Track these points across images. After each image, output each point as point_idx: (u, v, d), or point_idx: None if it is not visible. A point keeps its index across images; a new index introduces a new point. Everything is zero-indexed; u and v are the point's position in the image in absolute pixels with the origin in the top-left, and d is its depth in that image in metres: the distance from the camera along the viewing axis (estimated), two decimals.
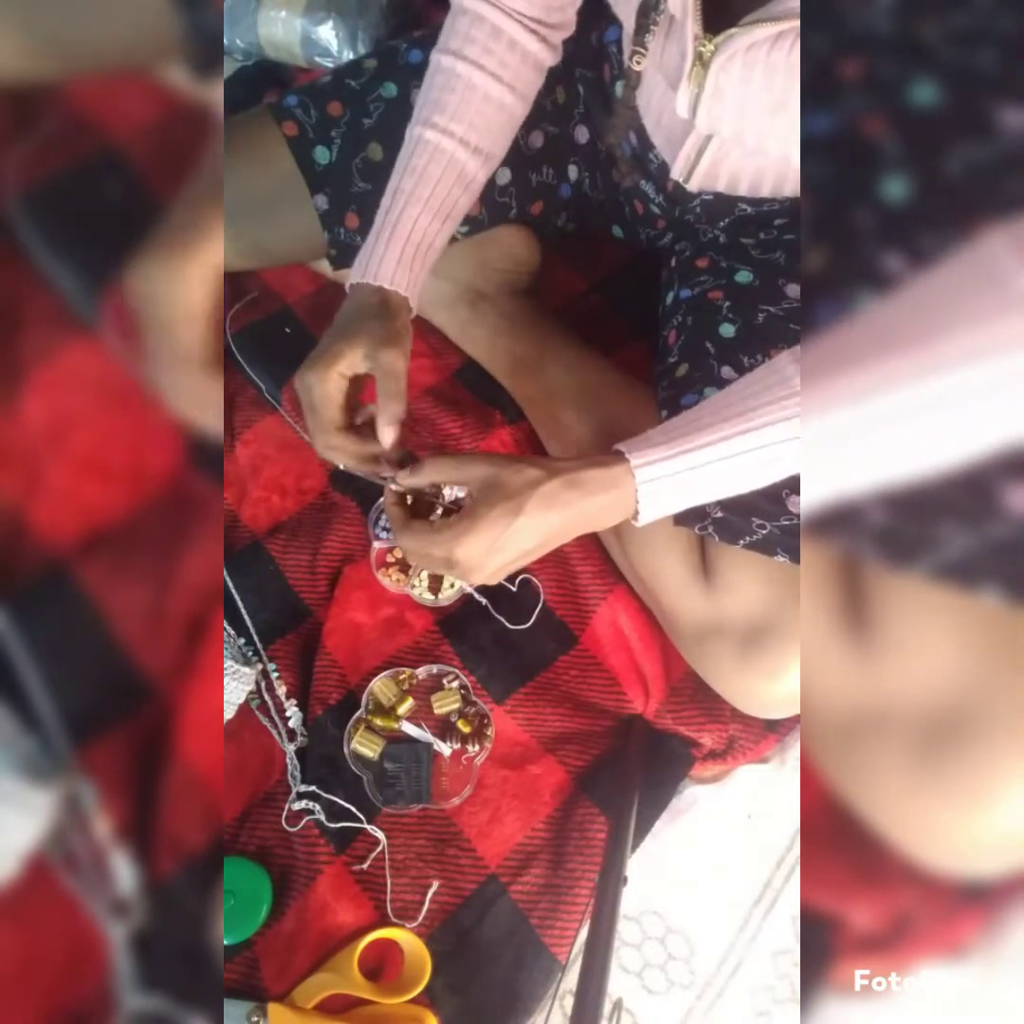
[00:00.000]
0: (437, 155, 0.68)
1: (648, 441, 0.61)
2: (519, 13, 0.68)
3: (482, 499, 0.59)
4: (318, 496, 0.91)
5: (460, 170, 0.69)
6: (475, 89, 0.68)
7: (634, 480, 0.59)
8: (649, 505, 0.61)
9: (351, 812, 0.74)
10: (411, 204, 0.68)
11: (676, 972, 0.74)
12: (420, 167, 0.68)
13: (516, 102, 0.71)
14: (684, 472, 0.59)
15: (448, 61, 0.69)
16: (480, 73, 0.68)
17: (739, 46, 0.55)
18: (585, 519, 0.62)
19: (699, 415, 0.60)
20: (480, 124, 0.69)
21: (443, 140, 0.68)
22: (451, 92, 0.68)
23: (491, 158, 0.71)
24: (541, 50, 0.70)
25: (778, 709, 0.72)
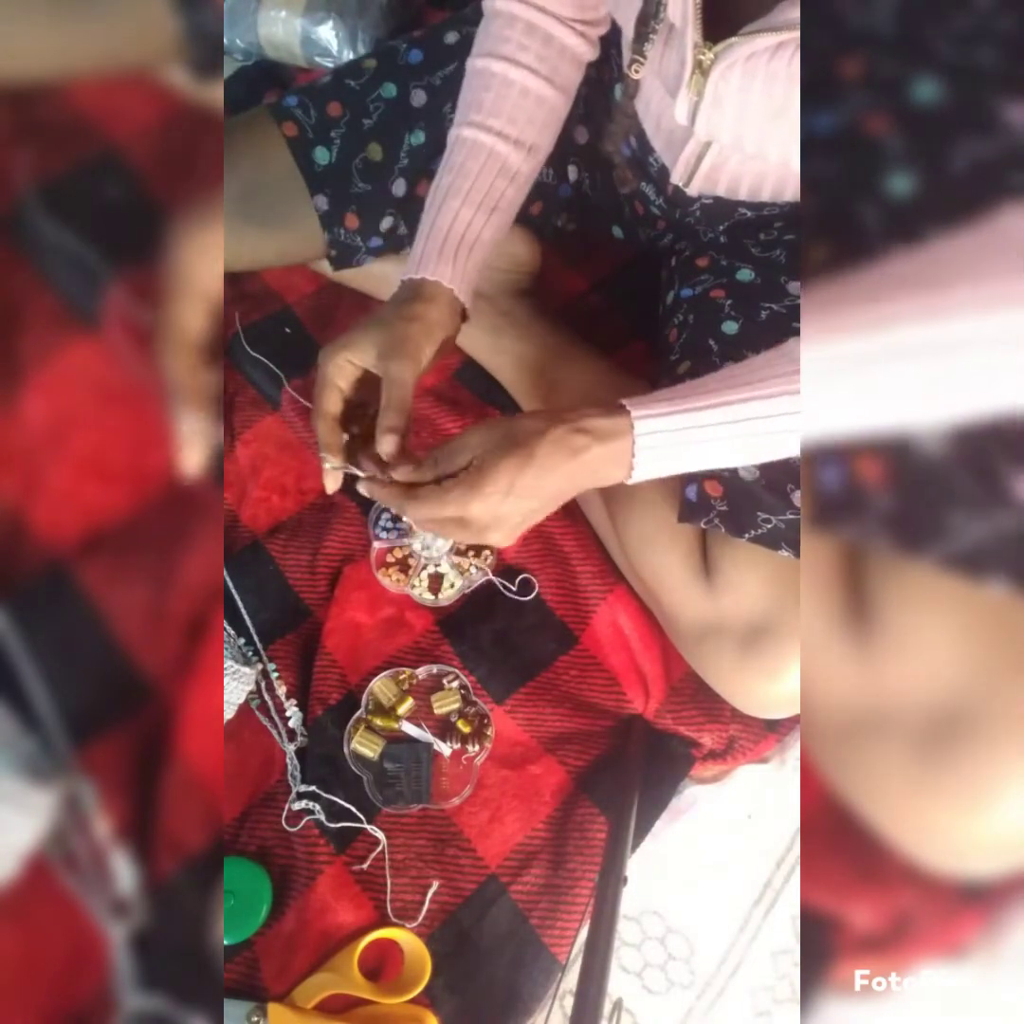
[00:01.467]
0: (475, 149, 0.68)
1: (651, 398, 0.60)
2: (552, 11, 0.68)
3: (490, 452, 0.59)
4: (318, 496, 0.91)
5: (502, 163, 0.68)
6: (512, 84, 0.68)
7: (633, 432, 0.59)
8: (645, 460, 0.60)
9: (351, 812, 0.74)
10: (451, 197, 0.67)
11: (676, 972, 0.74)
12: (458, 163, 0.68)
13: (557, 95, 0.70)
14: (683, 431, 0.59)
15: (482, 63, 0.69)
16: (516, 68, 0.67)
17: (739, 55, 0.55)
18: (590, 468, 0.60)
19: (705, 382, 0.60)
20: (520, 117, 0.68)
21: (480, 135, 0.67)
22: (486, 90, 0.68)
23: (536, 150, 0.70)
24: (579, 44, 0.70)
25: (778, 709, 0.72)
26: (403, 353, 0.63)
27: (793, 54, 0.53)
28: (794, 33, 0.51)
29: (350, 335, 0.64)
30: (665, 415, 0.59)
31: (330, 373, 0.64)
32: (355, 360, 0.64)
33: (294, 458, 0.92)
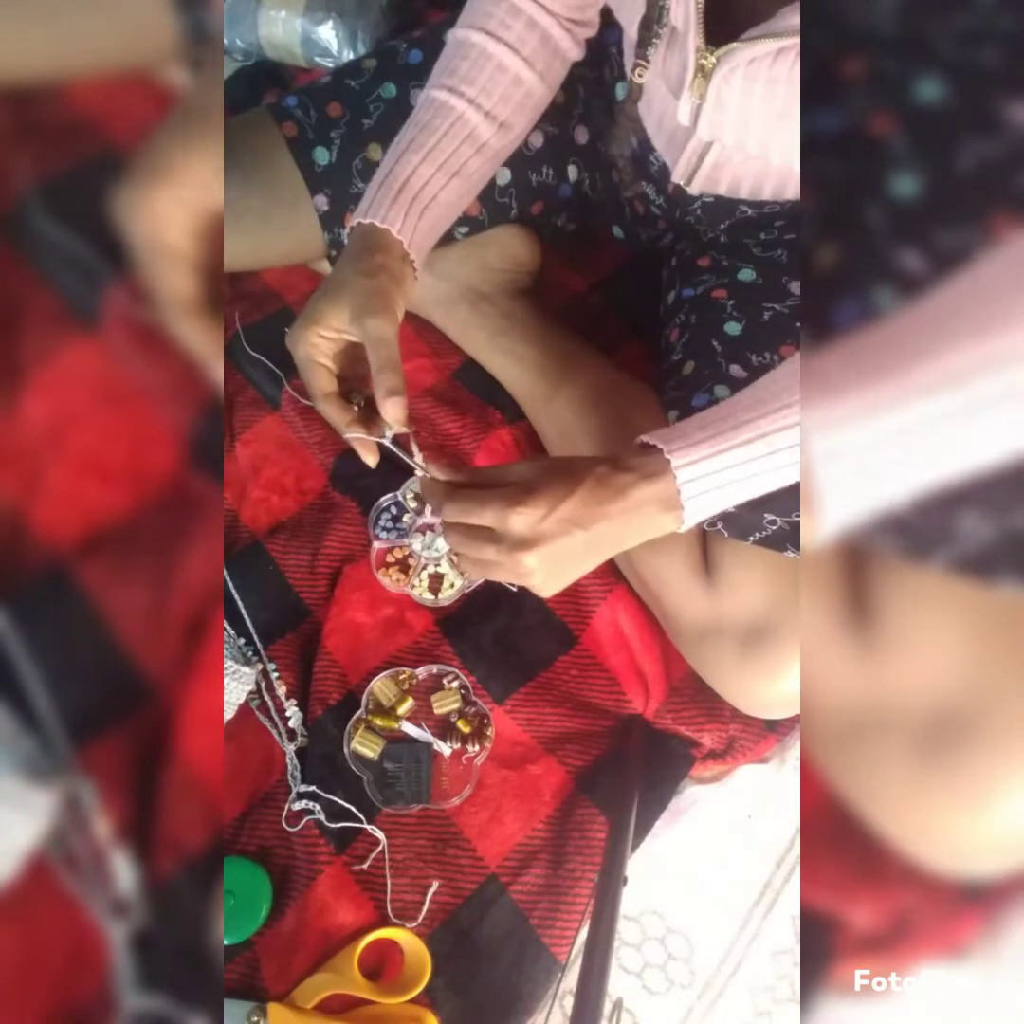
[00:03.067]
0: (444, 110, 0.66)
1: (686, 438, 0.57)
2: (539, 1, 0.67)
3: (538, 475, 0.57)
4: (318, 496, 0.91)
5: (471, 130, 0.66)
6: (490, 58, 0.67)
7: (673, 472, 0.57)
8: (693, 508, 0.58)
9: (351, 812, 0.74)
10: (411, 151, 0.65)
11: (676, 972, 0.74)
12: (424, 120, 0.66)
13: (536, 80, 0.69)
14: (725, 471, 0.57)
15: (463, 34, 0.67)
16: (497, 44, 0.66)
17: (741, 59, 0.55)
18: (638, 512, 0.58)
19: (734, 411, 0.58)
20: (495, 92, 0.67)
21: (452, 98, 0.66)
22: (463, 59, 0.67)
23: (508, 128, 0.69)
24: (564, 38, 0.69)
25: (778, 709, 0.72)
26: (377, 308, 0.59)
27: (795, 60, 0.53)
28: (795, 39, 0.51)
29: (313, 308, 0.60)
30: (706, 459, 0.56)
31: (307, 354, 0.61)
32: (327, 333, 0.60)
33: (294, 458, 0.92)
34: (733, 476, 0.57)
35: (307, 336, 0.60)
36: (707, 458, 0.56)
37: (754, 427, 0.56)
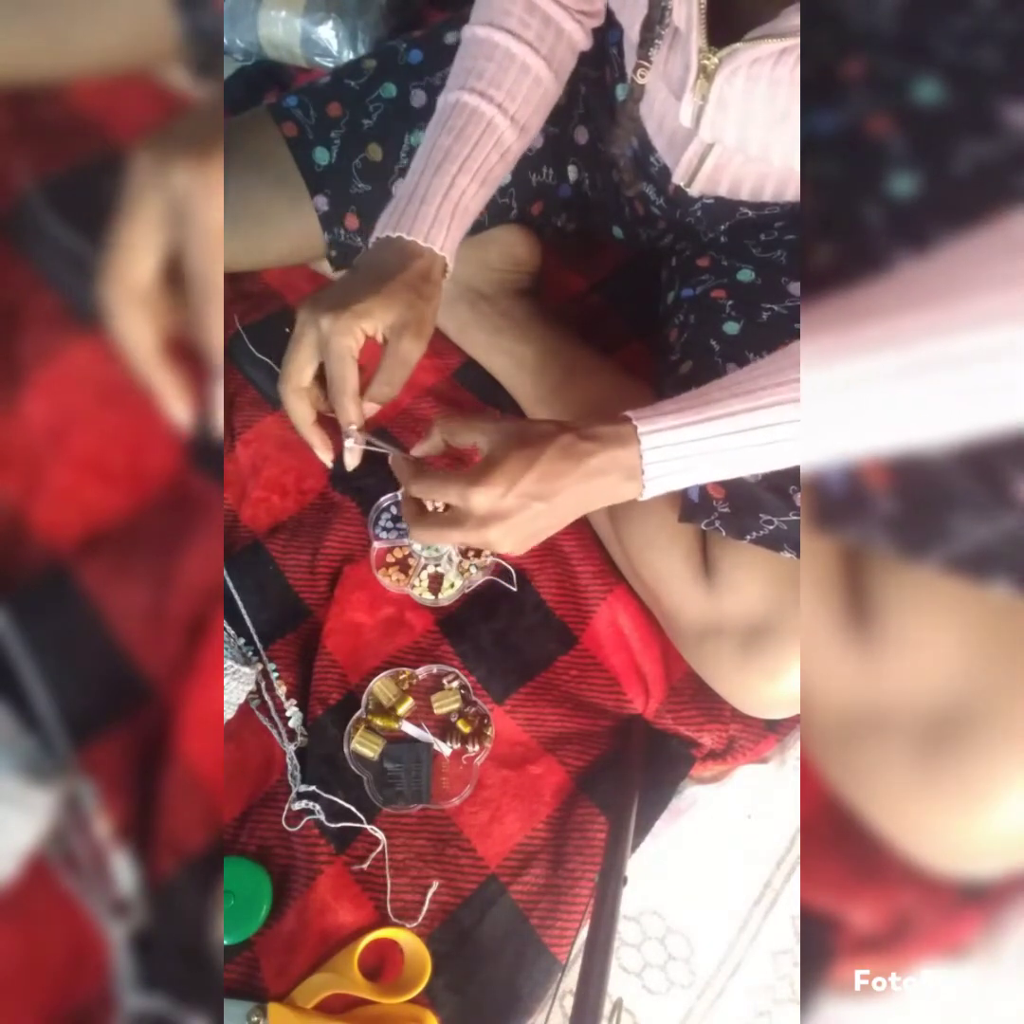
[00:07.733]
0: (475, 117, 0.66)
1: (657, 411, 0.59)
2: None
3: (497, 446, 0.58)
4: (318, 496, 0.91)
5: (498, 137, 0.67)
6: (514, 59, 0.67)
7: (639, 444, 0.58)
8: (655, 474, 0.59)
9: (351, 812, 0.74)
10: (448, 160, 0.65)
11: (676, 972, 0.74)
12: (458, 127, 0.66)
13: (552, 79, 0.69)
14: (690, 443, 0.58)
15: (484, 32, 0.67)
16: (518, 44, 0.66)
17: (743, 60, 0.55)
18: (599, 479, 0.59)
19: (708, 390, 0.59)
20: (518, 94, 0.67)
21: (482, 104, 0.66)
22: (488, 60, 0.67)
23: (526, 131, 0.69)
24: (576, 30, 0.69)
25: (778, 709, 0.72)
26: (418, 334, 0.61)
27: (796, 61, 0.53)
28: (798, 40, 0.51)
29: (361, 300, 0.60)
30: (671, 428, 0.58)
31: (348, 348, 0.60)
32: (368, 331, 0.61)
33: (294, 458, 0.92)
34: (699, 449, 0.58)
35: (354, 329, 0.60)
36: (673, 428, 0.57)
37: (725, 405, 0.57)
